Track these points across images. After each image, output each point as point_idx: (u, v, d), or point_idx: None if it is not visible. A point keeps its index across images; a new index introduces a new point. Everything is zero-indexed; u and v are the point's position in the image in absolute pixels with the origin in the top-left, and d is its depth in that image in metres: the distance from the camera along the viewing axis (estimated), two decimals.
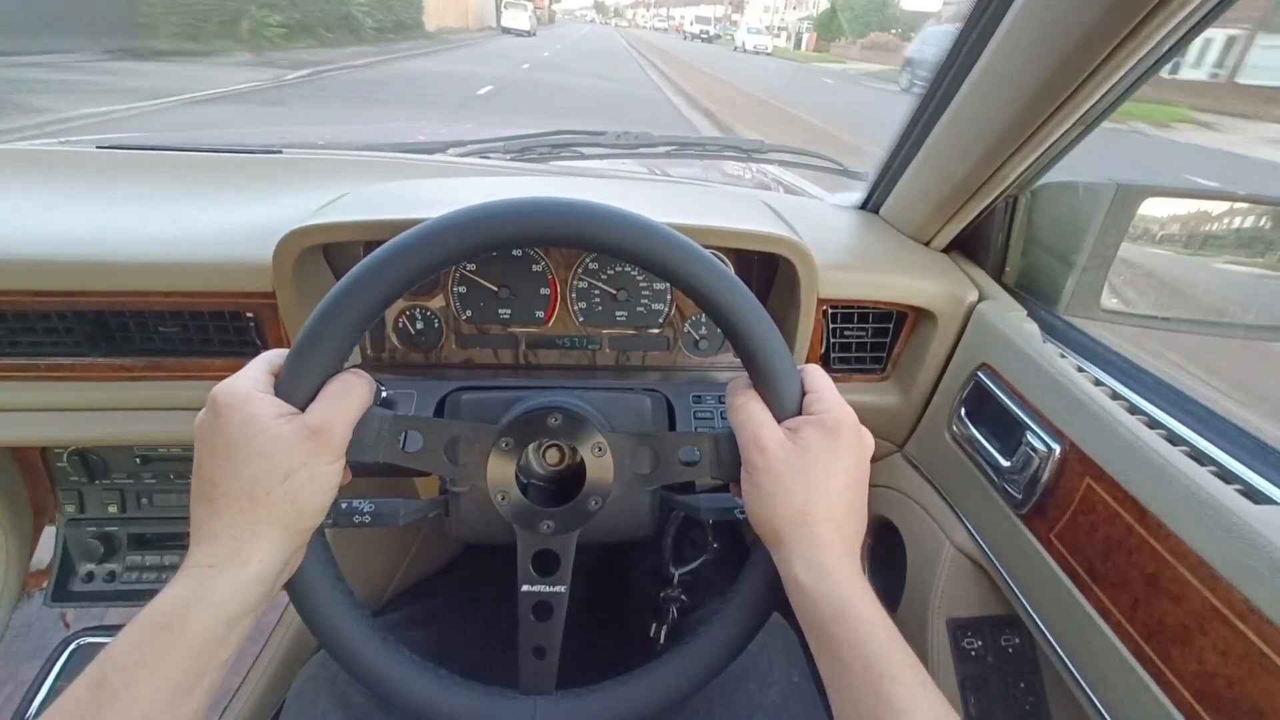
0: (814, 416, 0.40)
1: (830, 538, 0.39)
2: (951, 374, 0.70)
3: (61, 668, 0.76)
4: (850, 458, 0.40)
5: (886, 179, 0.82)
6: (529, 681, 0.46)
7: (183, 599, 0.34)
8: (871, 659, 0.35)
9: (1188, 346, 0.69)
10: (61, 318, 0.64)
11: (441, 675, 0.44)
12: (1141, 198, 0.63)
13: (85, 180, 0.81)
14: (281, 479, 0.36)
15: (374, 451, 0.41)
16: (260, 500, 0.36)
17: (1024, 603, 0.57)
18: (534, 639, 0.46)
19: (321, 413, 0.37)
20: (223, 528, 0.36)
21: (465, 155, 1.02)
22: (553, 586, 0.47)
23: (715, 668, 0.45)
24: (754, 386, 0.42)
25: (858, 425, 0.41)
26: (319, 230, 0.58)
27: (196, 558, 0.36)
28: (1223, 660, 0.38)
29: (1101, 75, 0.49)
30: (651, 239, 0.39)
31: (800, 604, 0.39)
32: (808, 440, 0.39)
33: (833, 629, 0.37)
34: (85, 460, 0.78)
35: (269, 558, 0.36)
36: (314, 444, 0.37)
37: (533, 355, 0.74)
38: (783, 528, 0.39)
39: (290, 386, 0.38)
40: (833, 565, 0.38)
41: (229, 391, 0.37)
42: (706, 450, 0.44)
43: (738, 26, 38.44)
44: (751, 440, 0.40)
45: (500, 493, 0.45)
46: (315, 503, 0.38)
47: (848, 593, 0.37)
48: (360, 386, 0.40)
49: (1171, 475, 0.44)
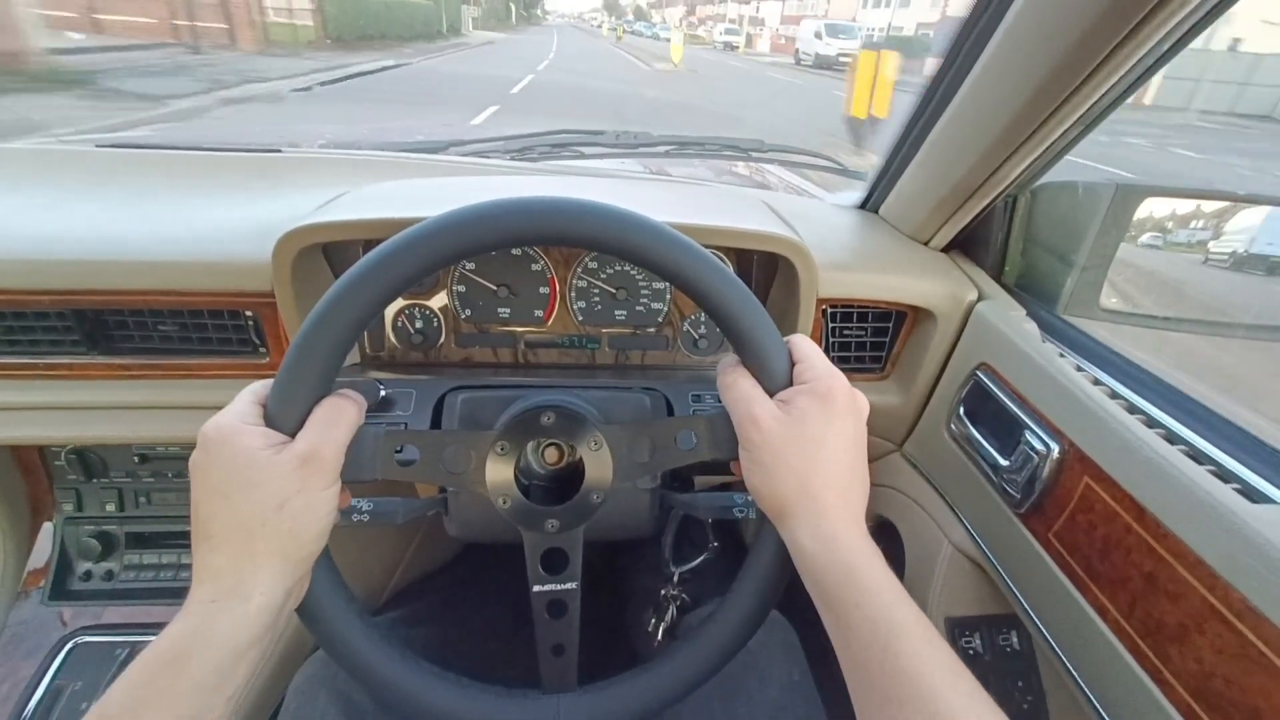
0: (805, 385, 0.40)
1: (834, 503, 0.39)
2: (950, 373, 0.71)
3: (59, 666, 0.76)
4: (846, 421, 0.40)
5: (886, 179, 0.82)
6: (551, 680, 0.47)
7: (185, 635, 0.34)
8: (879, 619, 0.35)
9: (1182, 341, 0.69)
10: (60, 317, 0.64)
11: (464, 684, 0.44)
12: (1141, 197, 0.63)
13: (85, 179, 0.81)
14: (276, 509, 0.36)
15: (370, 469, 0.41)
16: (257, 532, 0.36)
17: (1022, 602, 0.57)
18: (551, 637, 0.47)
19: (310, 439, 0.37)
20: (223, 562, 0.36)
21: (465, 155, 1.02)
22: (564, 584, 0.47)
23: (730, 651, 0.44)
24: (742, 363, 0.42)
25: (850, 388, 0.41)
26: (317, 229, 0.58)
27: (198, 594, 0.36)
28: (1220, 659, 0.39)
29: (1101, 75, 0.49)
30: (623, 227, 0.39)
31: (808, 572, 0.38)
32: (801, 410, 0.39)
33: (841, 594, 0.36)
34: (83, 459, 0.78)
35: (271, 589, 0.36)
36: (306, 471, 0.36)
37: (532, 354, 0.74)
38: (786, 499, 0.39)
39: (278, 415, 0.38)
40: (839, 531, 0.38)
41: (217, 428, 0.37)
42: (703, 432, 0.44)
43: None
44: (745, 416, 0.40)
45: (501, 496, 0.45)
46: (313, 529, 0.37)
47: (855, 558, 0.37)
48: (348, 408, 0.39)
49: (1170, 474, 0.44)
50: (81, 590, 0.81)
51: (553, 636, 0.46)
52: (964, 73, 0.61)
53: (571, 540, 0.47)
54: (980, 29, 0.58)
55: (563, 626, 0.47)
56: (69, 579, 0.82)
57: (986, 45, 0.57)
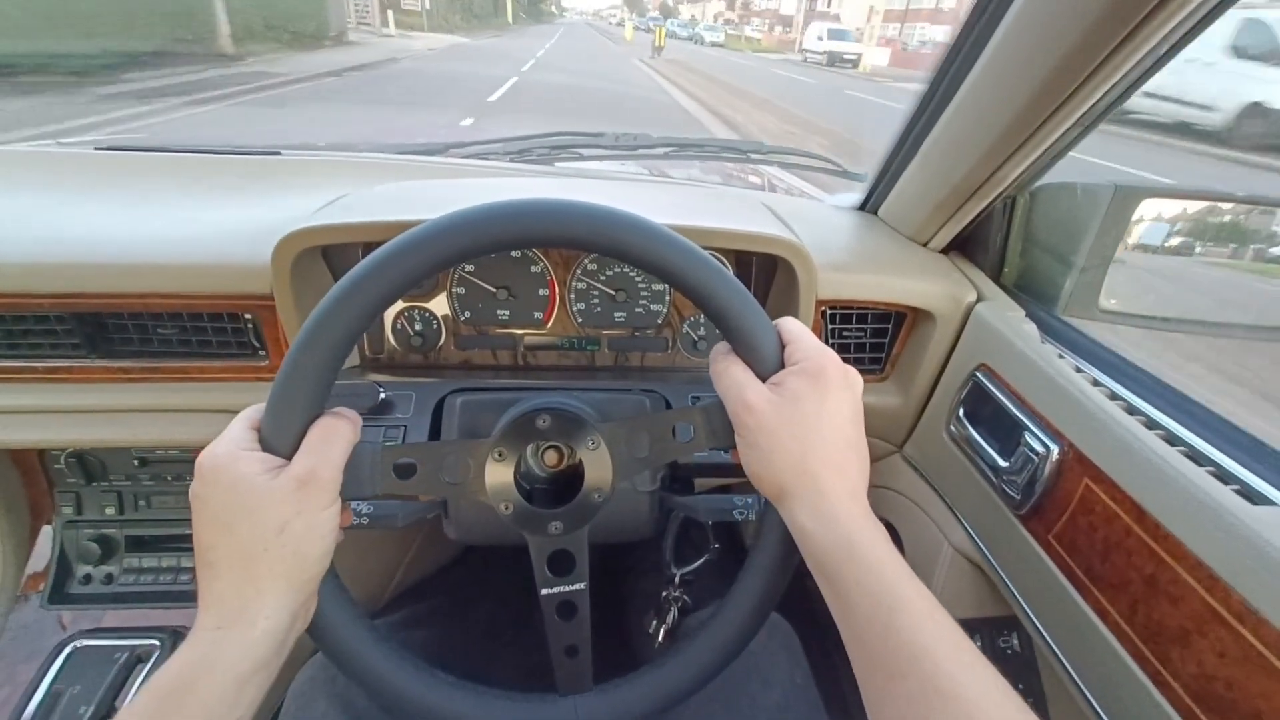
0: (796, 366, 0.40)
1: (833, 482, 0.38)
2: (950, 374, 0.71)
3: (58, 670, 0.76)
4: (840, 398, 0.40)
5: (885, 180, 0.82)
6: (566, 681, 0.47)
7: (192, 663, 0.34)
8: (880, 594, 0.35)
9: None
10: (60, 320, 0.64)
11: (481, 691, 0.44)
12: (1139, 198, 0.63)
13: (83, 182, 0.81)
14: (277, 533, 0.36)
15: (370, 486, 0.41)
16: (259, 557, 0.35)
17: (1022, 604, 0.57)
18: (564, 639, 0.47)
19: (306, 462, 0.37)
20: (226, 589, 0.36)
21: (464, 156, 1.02)
22: (572, 585, 0.47)
23: (744, 638, 0.44)
24: (733, 350, 0.42)
25: (841, 365, 0.41)
26: (317, 232, 0.58)
27: (204, 621, 0.36)
28: (1221, 661, 0.38)
29: (1100, 76, 0.49)
30: (612, 225, 0.39)
31: (810, 552, 0.38)
32: (794, 390, 0.39)
33: (842, 570, 0.36)
34: (83, 462, 0.78)
35: (276, 613, 0.36)
36: (304, 493, 0.36)
37: (531, 356, 0.74)
38: (785, 481, 0.39)
39: (273, 438, 0.38)
40: (839, 510, 0.38)
41: (213, 457, 0.37)
42: (699, 422, 0.44)
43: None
44: (738, 402, 0.40)
45: (503, 502, 0.45)
46: (316, 550, 0.37)
47: (856, 536, 0.37)
48: (343, 428, 0.39)
49: (1170, 476, 0.44)
50: (81, 594, 0.81)
51: (565, 638, 0.47)
52: (963, 74, 0.61)
53: (576, 541, 0.47)
54: (979, 30, 0.58)
55: (574, 627, 0.47)
56: (68, 582, 0.82)
57: (986, 46, 0.57)
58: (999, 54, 0.56)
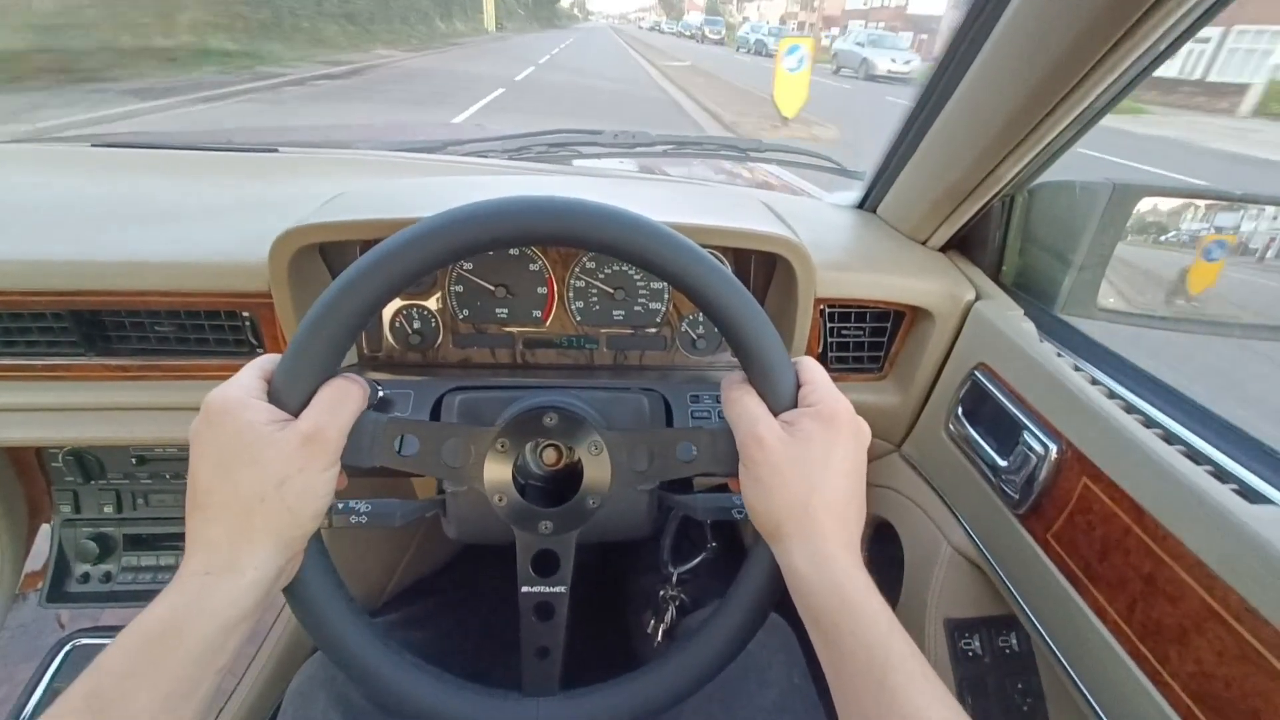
0: (810, 408, 0.40)
1: (832, 528, 0.39)
2: (949, 373, 0.70)
3: (57, 669, 0.76)
4: (848, 447, 0.40)
5: (884, 178, 0.82)
6: (532, 682, 0.46)
7: (178, 607, 0.34)
8: (874, 649, 0.35)
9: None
10: (57, 318, 0.64)
11: (444, 678, 0.44)
12: (1138, 197, 0.63)
13: (80, 179, 0.81)
14: (276, 486, 0.36)
15: (369, 456, 0.41)
16: (255, 508, 0.36)
17: (1021, 603, 0.57)
18: (536, 640, 0.46)
19: (315, 419, 0.37)
20: (218, 535, 0.36)
21: (463, 154, 1.02)
22: (553, 587, 0.47)
23: (718, 664, 0.44)
24: (749, 380, 0.42)
25: (854, 415, 0.41)
26: (314, 229, 0.57)
27: (192, 565, 0.35)
28: (1219, 660, 0.38)
29: (1098, 74, 0.49)
30: (645, 235, 0.39)
31: (802, 595, 0.39)
32: (805, 432, 0.39)
33: (835, 619, 0.36)
34: (81, 461, 0.78)
35: (265, 564, 0.36)
36: (308, 451, 0.37)
37: (530, 355, 0.74)
38: (783, 520, 0.39)
39: (284, 393, 0.38)
40: (835, 556, 0.38)
41: (222, 398, 0.37)
42: (704, 445, 0.44)
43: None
44: (749, 434, 0.40)
45: (498, 494, 0.45)
46: (310, 509, 0.37)
47: (849, 584, 0.37)
48: (354, 391, 0.40)
49: (1168, 475, 0.44)
50: (79, 592, 0.81)
51: (538, 639, 0.46)
52: (961, 72, 0.61)
53: (564, 544, 0.46)
54: (977, 28, 0.58)
55: (549, 629, 0.46)
56: (67, 581, 0.81)
57: (983, 45, 0.57)
58: (996, 52, 0.56)
